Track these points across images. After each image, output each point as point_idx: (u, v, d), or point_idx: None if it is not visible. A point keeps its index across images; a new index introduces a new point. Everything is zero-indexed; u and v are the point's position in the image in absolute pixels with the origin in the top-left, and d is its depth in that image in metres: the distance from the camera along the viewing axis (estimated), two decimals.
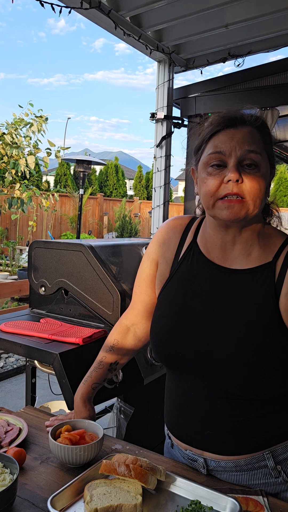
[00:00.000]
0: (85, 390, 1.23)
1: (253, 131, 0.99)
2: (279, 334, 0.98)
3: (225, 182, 0.96)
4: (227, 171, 0.97)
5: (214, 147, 0.99)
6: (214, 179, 0.98)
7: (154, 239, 1.21)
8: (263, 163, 0.99)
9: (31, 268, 1.97)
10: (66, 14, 2.46)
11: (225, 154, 0.97)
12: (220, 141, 0.99)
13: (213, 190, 0.98)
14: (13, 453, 1.05)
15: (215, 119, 1.02)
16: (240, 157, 0.96)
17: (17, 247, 10.94)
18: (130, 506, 0.90)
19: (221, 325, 1.02)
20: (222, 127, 1.00)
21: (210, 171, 0.99)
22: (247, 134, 0.98)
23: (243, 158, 0.97)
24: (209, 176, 0.99)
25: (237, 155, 0.96)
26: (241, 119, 1.00)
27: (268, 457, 1.04)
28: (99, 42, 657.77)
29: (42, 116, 5.70)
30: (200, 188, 1.04)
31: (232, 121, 0.99)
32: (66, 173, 17.57)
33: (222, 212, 0.98)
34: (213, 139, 1.01)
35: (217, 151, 0.98)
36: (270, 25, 2.97)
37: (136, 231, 13.58)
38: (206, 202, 1.01)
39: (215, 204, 0.99)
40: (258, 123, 1.01)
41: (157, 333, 1.10)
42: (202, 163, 1.02)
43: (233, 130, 0.99)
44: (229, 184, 0.96)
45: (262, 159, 0.98)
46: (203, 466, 1.08)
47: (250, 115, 1.01)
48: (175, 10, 2.83)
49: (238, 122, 0.99)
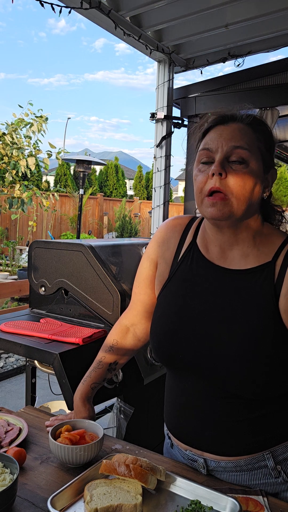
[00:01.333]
0: (85, 390, 1.23)
1: (243, 127, 0.99)
2: (278, 334, 0.98)
3: (210, 177, 0.97)
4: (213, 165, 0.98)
5: (204, 144, 1.01)
6: (202, 175, 0.99)
7: (153, 239, 1.21)
8: (253, 160, 0.97)
9: (31, 268, 1.97)
10: (66, 14, 2.46)
11: (212, 151, 0.98)
12: (209, 138, 1.00)
13: (201, 186, 0.99)
14: (13, 453, 1.05)
15: (209, 117, 1.03)
16: (226, 153, 0.97)
17: (17, 247, 10.94)
18: (130, 506, 0.90)
19: (221, 325, 1.02)
20: (213, 124, 1.01)
21: (200, 168, 1.01)
22: (236, 131, 0.98)
23: (229, 153, 0.97)
24: (199, 173, 1.00)
25: (223, 151, 0.97)
26: (231, 116, 1.00)
27: (268, 457, 1.04)
28: (100, 42, 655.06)
29: (42, 116, 5.70)
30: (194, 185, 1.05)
31: (223, 118, 1.00)
32: (66, 173, 17.56)
33: (207, 209, 0.98)
34: (205, 137, 1.02)
35: (205, 148, 1.00)
36: (270, 25, 2.97)
37: (136, 231, 13.58)
38: (196, 200, 1.02)
39: (202, 201, 1.00)
40: (249, 120, 1.00)
41: (157, 333, 1.10)
42: (196, 160, 1.04)
43: (223, 126, 1.00)
44: (213, 178, 0.96)
45: (251, 155, 0.97)
46: (203, 466, 1.08)
47: (242, 113, 1.01)
48: (175, 10, 2.83)
49: (228, 119, 1.00)
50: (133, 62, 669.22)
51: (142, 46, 3.09)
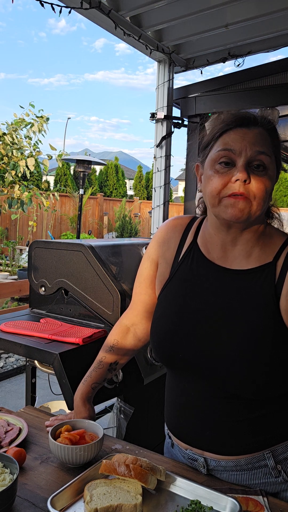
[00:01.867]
0: (85, 390, 1.23)
1: (264, 133, 0.99)
2: (279, 335, 0.98)
3: (233, 182, 0.95)
4: (235, 170, 0.96)
5: (224, 144, 0.98)
6: (221, 177, 0.97)
7: (154, 239, 1.21)
8: (271, 166, 0.98)
9: (31, 268, 1.97)
10: (66, 14, 2.46)
11: (235, 153, 0.96)
12: (231, 139, 0.97)
13: (219, 188, 0.97)
14: (13, 453, 1.05)
15: (228, 117, 1.00)
16: (250, 158, 0.96)
17: (17, 247, 10.94)
18: (130, 506, 0.90)
19: (221, 325, 1.02)
20: (234, 125, 0.98)
21: (217, 169, 0.98)
22: (259, 135, 0.98)
23: (253, 158, 0.96)
24: (216, 174, 0.98)
25: (247, 155, 0.96)
26: (254, 120, 0.99)
27: (268, 456, 1.04)
28: (100, 42, 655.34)
29: (43, 116, 5.69)
30: (205, 185, 1.02)
31: (245, 120, 0.99)
32: (66, 173, 17.56)
33: (226, 210, 0.97)
34: (223, 136, 0.99)
35: (227, 148, 0.97)
36: (270, 25, 2.96)
37: (136, 231, 13.58)
38: (212, 200, 0.99)
39: (221, 201, 0.98)
40: (270, 126, 1.01)
41: (157, 333, 1.10)
42: (210, 159, 1.01)
43: (245, 129, 0.98)
44: (236, 183, 0.95)
45: (270, 161, 0.98)
46: (203, 465, 1.08)
47: (263, 117, 1.01)
48: (175, 10, 2.83)
49: (251, 123, 0.99)
50: (133, 62, 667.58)
51: (142, 46, 3.09)
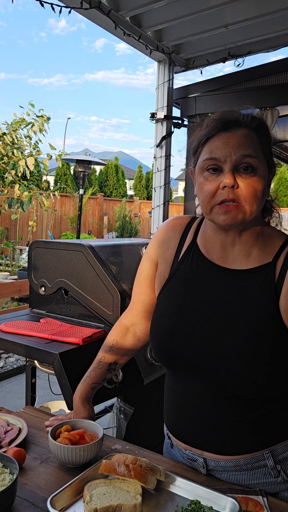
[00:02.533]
0: (84, 390, 1.23)
1: (249, 133, 0.97)
2: (279, 334, 0.98)
3: (221, 188, 0.96)
4: (223, 176, 0.96)
5: (209, 153, 0.98)
6: (210, 184, 0.98)
7: (153, 239, 1.21)
8: (260, 165, 0.97)
9: (31, 268, 1.97)
10: (66, 14, 2.46)
11: (220, 161, 0.96)
12: (215, 146, 0.97)
13: (210, 195, 0.98)
14: (13, 453, 1.05)
15: (210, 122, 1.00)
16: (235, 162, 0.95)
17: (17, 247, 10.94)
18: (129, 506, 0.90)
19: (221, 325, 1.02)
20: (217, 131, 0.98)
21: (206, 176, 0.99)
22: (242, 138, 0.96)
23: (239, 163, 0.96)
24: (206, 182, 0.99)
25: (232, 161, 0.95)
26: (236, 122, 0.98)
27: (268, 456, 1.04)
28: (100, 42, 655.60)
29: (44, 116, 5.69)
30: (197, 192, 1.04)
31: (227, 124, 0.97)
32: (66, 173, 17.56)
33: (219, 217, 0.98)
34: (208, 143, 0.99)
35: (212, 157, 0.97)
36: (270, 25, 2.97)
37: (136, 231, 13.58)
38: (204, 208, 1.01)
39: (212, 209, 0.99)
40: (255, 124, 0.99)
41: (157, 333, 1.10)
42: (198, 167, 1.02)
43: (228, 133, 0.97)
44: (224, 190, 0.96)
45: (258, 161, 0.97)
46: (203, 466, 1.08)
47: (246, 116, 0.99)
48: (175, 10, 2.83)
49: (233, 125, 0.97)
50: (133, 62, 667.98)
51: (142, 46, 3.09)
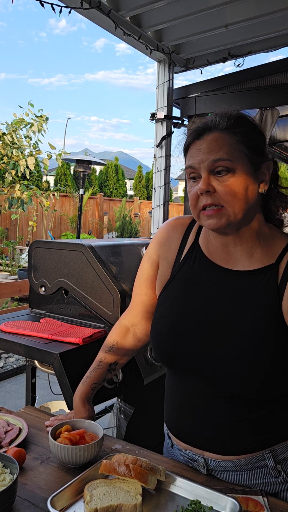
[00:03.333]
0: (84, 390, 1.23)
1: (220, 135, 0.97)
2: (280, 336, 0.98)
3: (200, 194, 0.98)
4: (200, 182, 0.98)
5: (187, 161, 1.01)
6: (193, 191, 1.00)
7: (154, 239, 1.21)
8: (238, 165, 0.96)
9: (31, 268, 1.97)
10: (66, 14, 2.46)
11: (195, 168, 0.99)
12: (191, 155, 1.00)
13: (194, 203, 1.01)
14: (13, 453, 1.05)
15: (188, 132, 1.03)
16: (208, 168, 0.96)
17: (17, 247, 10.94)
18: (130, 506, 0.90)
19: (222, 326, 1.02)
20: (191, 139, 1.01)
21: (190, 184, 1.02)
22: (213, 142, 0.96)
23: (212, 167, 0.96)
24: (190, 189, 1.02)
25: (205, 167, 0.97)
26: (206, 128, 0.98)
27: (268, 456, 1.04)
28: (100, 42, 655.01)
29: (43, 116, 5.70)
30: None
31: (199, 131, 0.99)
32: (66, 173, 17.56)
33: (205, 222, 1.00)
34: (187, 153, 1.02)
35: (189, 166, 1.00)
36: (270, 25, 2.97)
37: (136, 231, 13.58)
38: (193, 213, 1.04)
39: (199, 216, 1.01)
40: (224, 124, 0.97)
41: (158, 333, 1.10)
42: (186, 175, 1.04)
43: (200, 141, 0.98)
44: (202, 195, 0.98)
45: (233, 162, 0.95)
46: (203, 466, 1.08)
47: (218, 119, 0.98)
48: (175, 10, 2.83)
49: (204, 132, 0.98)
50: (133, 62, 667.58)
51: (142, 46, 3.09)
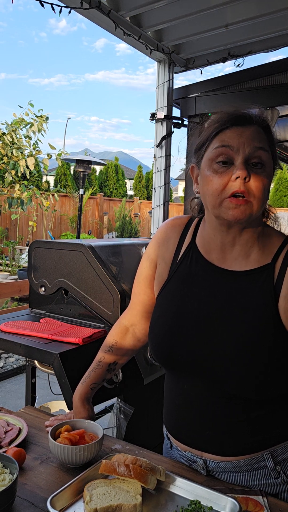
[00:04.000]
0: (84, 391, 1.23)
1: (260, 130, 0.99)
2: (278, 336, 0.98)
3: (233, 180, 0.94)
4: (235, 168, 0.95)
5: (221, 141, 0.97)
6: (221, 177, 0.96)
7: (153, 239, 1.21)
8: (269, 163, 0.98)
9: (31, 268, 1.97)
10: (66, 14, 2.46)
11: (233, 149, 0.96)
12: (227, 136, 0.97)
13: (220, 188, 0.96)
14: (13, 453, 1.05)
15: (222, 116, 1.00)
16: (248, 154, 0.95)
17: (17, 247, 10.94)
18: (129, 506, 0.90)
19: (219, 326, 1.01)
20: (230, 124, 0.98)
21: (216, 168, 0.97)
22: (256, 132, 0.97)
23: (251, 155, 0.95)
24: (215, 174, 0.97)
25: (245, 152, 0.95)
26: (250, 118, 0.99)
27: (268, 457, 1.04)
28: (100, 42, 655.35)
29: (43, 116, 5.70)
30: (203, 187, 1.01)
31: (241, 119, 0.98)
32: (66, 173, 17.56)
33: (228, 211, 0.96)
34: (219, 135, 0.98)
35: (225, 145, 0.96)
36: (270, 25, 2.97)
37: (136, 231, 13.58)
38: (212, 201, 0.98)
39: (222, 203, 0.97)
40: (265, 123, 1.01)
41: (156, 334, 1.10)
42: (207, 159, 1.00)
43: (242, 128, 0.97)
44: (236, 181, 0.94)
45: (268, 158, 0.98)
46: (203, 467, 1.08)
47: (258, 116, 1.01)
48: (175, 10, 2.83)
49: (246, 121, 0.98)
50: (133, 62, 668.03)
51: (142, 46, 3.09)
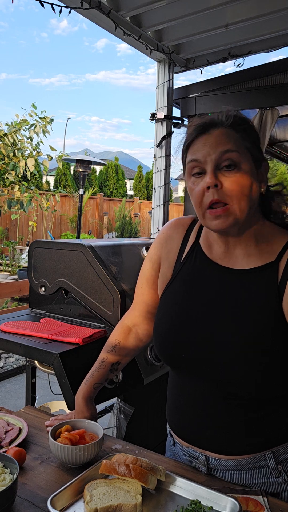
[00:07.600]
0: (87, 390, 1.24)
1: (226, 131, 0.97)
2: (281, 335, 0.98)
3: (206, 190, 0.96)
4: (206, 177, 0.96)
5: (192, 154, 0.99)
6: (197, 188, 0.98)
7: (156, 240, 1.21)
8: (243, 161, 0.96)
9: (31, 268, 1.97)
10: (66, 14, 2.46)
11: (201, 162, 0.97)
12: (195, 149, 0.98)
13: (199, 200, 0.98)
14: (13, 453, 1.05)
15: (189, 129, 1.02)
16: (216, 161, 0.95)
17: (17, 247, 10.95)
18: (130, 506, 0.90)
19: (223, 325, 1.02)
20: (196, 135, 0.99)
21: (193, 181, 1.00)
22: (220, 136, 0.97)
23: (220, 160, 0.95)
24: (193, 186, 1.00)
25: (212, 160, 0.95)
26: (211, 123, 0.98)
27: (269, 457, 1.04)
28: (101, 42, 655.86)
29: (46, 118, 5.69)
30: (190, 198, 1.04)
31: (203, 127, 0.98)
32: (66, 173, 17.56)
33: (211, 223, 0.98)
34: (190, 148, 1.00)
35: (193, 159, 0.98)
36: (270, 25, 2.97)
37: (136, 231, 13.58)
38: (197, 212, 1.01)
39: (204, 215, 0.99)
40: (229, 121, 0.98)
41: (160, 333, 1.10)
42: (186, 174, 1.03)
43: (206, 135, 0.98)
44: (209, 191, 0.96)
45: (241, 156, 0.96)
46: (204, 463, 1.08)
47: (221, 115, 0.99)
48: (175, 10, 2.83)
49: (209, 127, 0.98)
50: (134, 62, 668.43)
51: (142, 46, 3.09)
